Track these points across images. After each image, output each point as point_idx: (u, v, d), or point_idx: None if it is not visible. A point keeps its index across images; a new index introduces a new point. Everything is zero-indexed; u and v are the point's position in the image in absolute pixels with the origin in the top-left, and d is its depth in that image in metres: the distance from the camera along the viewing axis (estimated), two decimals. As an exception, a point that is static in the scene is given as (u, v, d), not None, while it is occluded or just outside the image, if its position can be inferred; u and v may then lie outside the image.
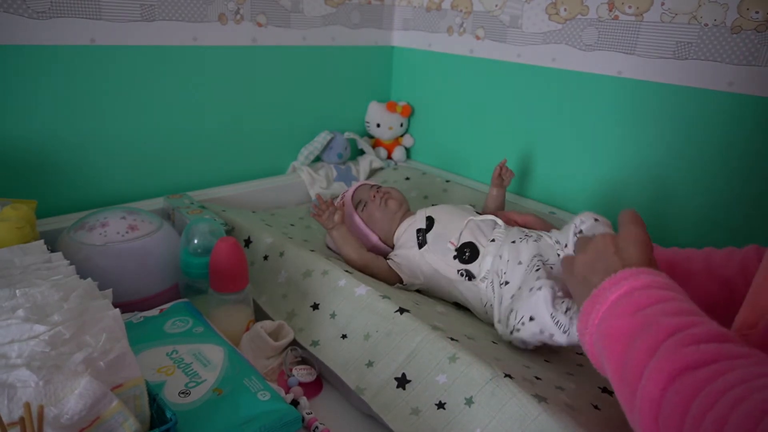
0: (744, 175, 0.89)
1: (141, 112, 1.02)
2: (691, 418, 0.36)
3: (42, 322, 0.49)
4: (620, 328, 0.45)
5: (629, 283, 0.48)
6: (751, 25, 0.84)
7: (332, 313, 0.75)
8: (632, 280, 0.48)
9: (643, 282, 0.47)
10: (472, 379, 0.59)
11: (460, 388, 0.60)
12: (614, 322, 0.46)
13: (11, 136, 0.89)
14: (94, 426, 0.46)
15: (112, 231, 0.78)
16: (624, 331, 0.45)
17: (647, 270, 0.49)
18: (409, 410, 0.61)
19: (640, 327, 0.44)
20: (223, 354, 0.65)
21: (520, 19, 1.12)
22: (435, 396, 0.61)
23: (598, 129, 1.05)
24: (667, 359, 0.40)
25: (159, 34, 0.99)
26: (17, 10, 0.84)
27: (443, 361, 0.62)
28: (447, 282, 0.85)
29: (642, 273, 0.48)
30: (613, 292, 0.48)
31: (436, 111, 1.36)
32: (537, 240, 0.80)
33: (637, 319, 0.45)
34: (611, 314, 0.47)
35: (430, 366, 0.63)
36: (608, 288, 0.49)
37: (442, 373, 0.61)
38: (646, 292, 0.47)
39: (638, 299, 0.46)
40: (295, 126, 1.27)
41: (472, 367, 0.60)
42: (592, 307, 0.49)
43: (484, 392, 0.58)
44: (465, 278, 0.83)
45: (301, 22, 1.18)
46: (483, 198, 1.15)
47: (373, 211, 0.95)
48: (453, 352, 0.62)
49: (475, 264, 0.83)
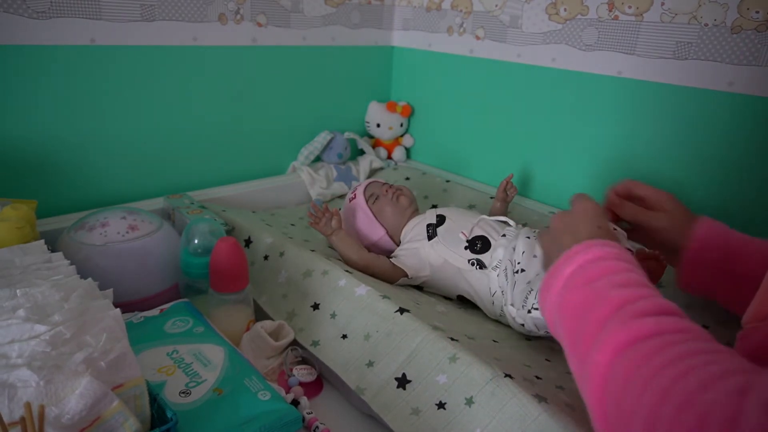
0: (744, 175, 0.89)
1: (141, 112, 1.02)
2: (633, 388, 0.39)
3: (42, 322, 0.49)
4: (574, 301, 0.49)
5: (581, 257, 0.51)
6: (751, 25, 0.84)
7: (332, 313, 0.75)
8: (583, 254, 0.51)
9: (593, 255, 0.51)
10: (472, 379, 0.59)
11: (460, 388, 0.60)
12: (568, 296, 0.50)
13: (11, 136, 0.89)
14: (95, 426, 0.46)
15: (113, 231, 0.78)
16: (577, 303, 0.48)
17: (597, 242, 0.52)
18: (409, 410, 0.61)
19: (591, 300, 0.47)
20: (223, 354, 0.65)
21: (520, 19, 1.12)
22: (435, 396, 0.61)
23: (597, 129, 1.05)
24: (615, 332, 0.42)
25: (159, 34, 0.99)
26: (17, 10, 0.84)
27: (443, 361, 0.62)
28: (455, 272, 0.85)
29: (592, 246, 0.51)
30: (567, 266, 0.51)
31: (436, 111, 1.36)
32: None
33: (588, 292, 0.48)
34: (566, 288, 0.51)
35: (431, 366, 0.63)
36: (563, 264, 0.52)
37: (443, 373, 0.62)
38: (596, 264, 0.50)
39: (590, 272, 0.49)
40: (295, 126, 1.27)
41: (472, 367, 0.60)
42: (550, 282, 0.53)
43: (484, 392, 0.58)
44: (476, 267, 0.83)
45: (301, 22, 1.19)
46: (483, 198, 1.15)
47: (384, 205, 0.96)
48: (453, 352, 0.62)
49: (486, 254, 0.84)
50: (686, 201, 0.96)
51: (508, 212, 1.04)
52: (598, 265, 0.50)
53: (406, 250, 0.90)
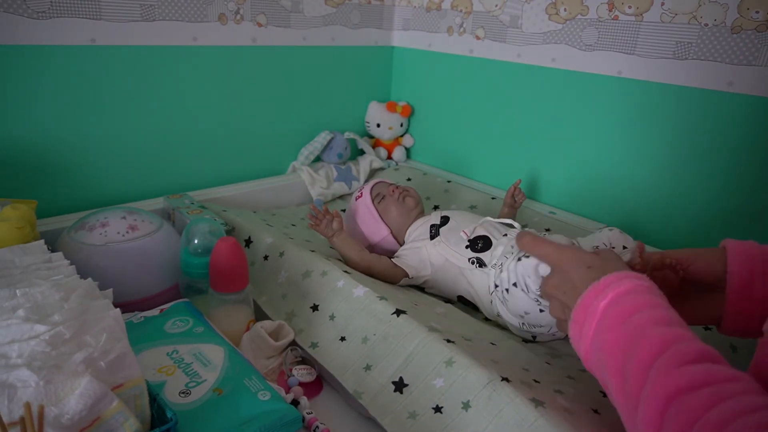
0: (744, 175, 0.89)
1: (141, 112, 1.02)
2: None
3: (42, 322, 0.49)
4: (613, 342, 0.46)
5: (613, 290, 0.48)
6: (751, 25, 0.84)
7: (331, 315, 0.75)
8: (615, 287, 0.49)
9: (626, 287, 0.48)
10: (469, 383, 0.59)
11: (457, 392, 0.59)
12: (607, 335, 0.47)
13: (11, 136, 0.89)
14: (95, 426, 0.46)
15: (113, 231, 0.78)
16: (617, 344, 0.46)
17: (627, 274, 0.50)
18: (406, 414, 0.61)
19: (631, 340, 0.45)
20: (223, 354, 0.65)
21: (520, 19, 1.12)
22: (432, 400, 0.60)
23: (597, 129, 1.05)
24: (660, 383, 0.41)
25: (159, 34, 0.99)
26: (17, 10, 0.84)
27: (440, 364, 0.62)
28: (456, 272, 0.86)
29: (624, 278, 0.49)
30: (600, 300, 0.49)
31: (436, 111, 1.36)
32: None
33: (627, 331, 0.46)
34: (604, 327, 0.48)
35: (428, 370, 0.63)
36: (594, 296, 0.49)
37: (439, 377, 0.61)
38: (630, 297, 0.48)
39: (624, 307, 0.47)
40: (295, 126, 1.27)
41: (469, 371, 0.60)
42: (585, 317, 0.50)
43: (480, 396, 0.58)
44: (476, 266, 0.84)
45: (301, 22, 1.19)
46: (485, 198, 1.15)
47: (390, 205, 0.97)
48: (450, 355, 0.62)
49: (487, 253, 0.84)
50: (686, 201, 0.96)
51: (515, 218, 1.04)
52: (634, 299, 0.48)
53: (408, 250, 0.90)
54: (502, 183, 1.23)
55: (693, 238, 0.96)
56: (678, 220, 0.98)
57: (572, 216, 1.10)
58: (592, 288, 0.50)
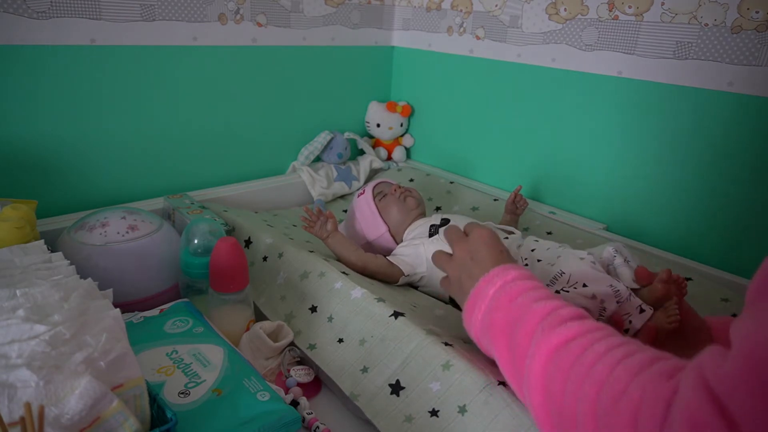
0: (744, 175, 0.89)
1: (141, 112, 1.02)
2: (571, 384, 0.44)
3: (42, 322, 0.49)
4: (501, 320, 0.55)
5: (501, 279, 0.57)
6: (751, 25, 0.84)
7: (329, 317, 0.74)
8: (503, 275, 0.57)
9: (512, 275, 0.57)
10: (465, 387, 0.59)
11: (454, 396, 0.59)
12: (495, 314, 0.55)
13: (11, 136, 0.89)
14: (95, 426, 0.46)
15: (113, 231, 0.78)
16: (505, 321, 0.54)
17: (511, 265, 0.59)
18: (402, 417, 0.61)
19: (517, 316, 0.53)
20: (222, 354, 0.65)
21: (520, 19, 1.12)
22: (428, 403, 0.60)
23: (598, 129, 1.05)
24: (543, 340, 0.48)
25: (159, 34, 0.99)
26: (17, 10, 0.84)
27: (437, 368, 0.62)
28: None
29: (509, 268, 0.58)
30: (489, 287, 0.57)
31: (436, 111, 1.36)
32: (560, 246, 0.78)
33: (513, 309, 0.54)
34: (492, 307, 0.56)
35: (424, 373, 0.62)
36: (484, 286, 0.58)
37: (436, 380, 0.61)
38: (515, 284, 0.56)
39: (510, 291, 0.56)
40: (295, 126, 1.27)
41: (465, 375, 0.60)
42: (475, 303, 0.58)
43: (477, 401, 0.58)
44: None
45: (301, 22, 1.19)
46: (486, 200, 1.15)
47: (391, 203, 0.97)
48: (447, 359, 0.62)
49: None
50: (685, 201, 0.96)
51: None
52: (517, 284, 0.56)
53: (405, 247, 0.90)
54: (502, 183, 1.23)
55: (692, 239, 0.96)
56: (677, 220, 0.98)
57: (572, 216, 1.10)
58: (482, 279, 0.59)
